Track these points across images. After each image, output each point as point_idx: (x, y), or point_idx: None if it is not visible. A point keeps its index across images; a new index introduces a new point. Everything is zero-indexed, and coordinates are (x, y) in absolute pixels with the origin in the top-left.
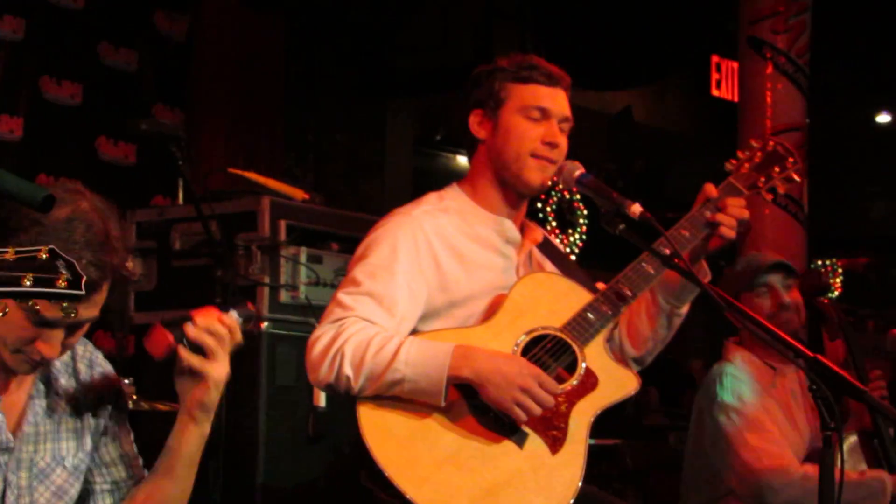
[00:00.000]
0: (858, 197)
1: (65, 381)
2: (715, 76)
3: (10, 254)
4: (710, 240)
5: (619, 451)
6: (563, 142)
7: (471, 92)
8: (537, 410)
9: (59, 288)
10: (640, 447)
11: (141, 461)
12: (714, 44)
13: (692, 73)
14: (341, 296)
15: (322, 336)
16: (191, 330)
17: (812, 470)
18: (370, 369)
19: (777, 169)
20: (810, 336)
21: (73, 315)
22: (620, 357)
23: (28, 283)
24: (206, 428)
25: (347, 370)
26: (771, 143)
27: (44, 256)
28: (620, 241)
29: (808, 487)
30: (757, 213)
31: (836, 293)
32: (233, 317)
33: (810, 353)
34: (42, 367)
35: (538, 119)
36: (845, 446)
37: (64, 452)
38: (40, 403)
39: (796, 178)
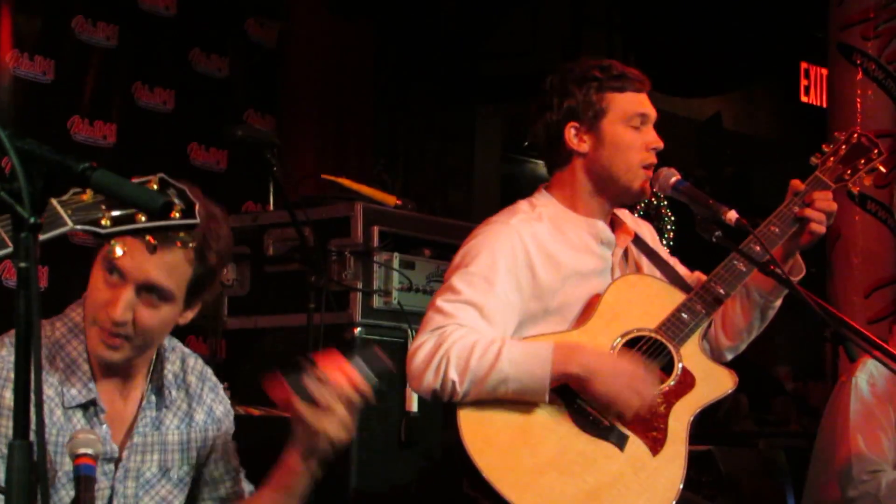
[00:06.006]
0: None
1: (174, 393)
2: (804, 82)
3: None
4: (800, 236)
5: (712, 456)
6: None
7: (560, 104)
8: (642, 408)
9: (174, 220)
10: (732, 453)
11: (244, 474)
12: (803, 50)
13: (781, 80)
14: (441, 303)
15: (424, 344)
16: (308, 381)
17: None
18: (474, 372)
19: (862, 161)
20: None
21: (190, 245)
22: (714, 346)
23: (143, 218)
24: (316, 470)
25: (453, 375)
26: (855, 134)
27: (154, 187)
28: (709, 245)
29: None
30: (847, 219)
31: None
32: (358, 369)
33: None
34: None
35: (638, 126)
36: None
37: (170, 464)
38: (150, 414)
39: (882, 168)
